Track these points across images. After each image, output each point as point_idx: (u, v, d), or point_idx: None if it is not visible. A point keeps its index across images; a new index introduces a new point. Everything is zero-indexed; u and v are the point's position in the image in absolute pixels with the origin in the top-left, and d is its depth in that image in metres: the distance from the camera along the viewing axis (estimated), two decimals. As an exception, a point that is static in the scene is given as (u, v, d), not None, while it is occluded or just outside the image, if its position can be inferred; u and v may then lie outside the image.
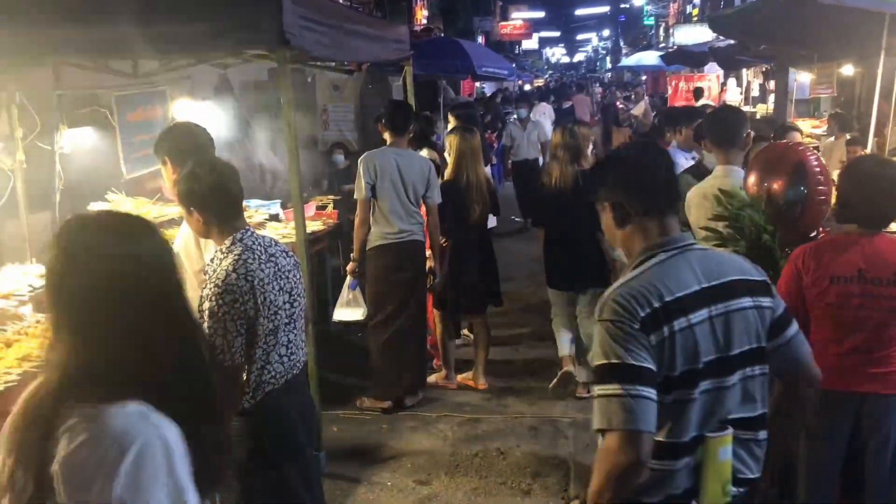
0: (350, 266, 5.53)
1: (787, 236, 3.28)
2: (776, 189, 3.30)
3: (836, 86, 10.25)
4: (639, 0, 41.70)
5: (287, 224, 6.11)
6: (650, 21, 40.48)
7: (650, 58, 26.58)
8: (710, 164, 4.22)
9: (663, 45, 32.53)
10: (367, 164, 5.27)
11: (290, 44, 4.05)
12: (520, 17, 36.99)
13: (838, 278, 2.92)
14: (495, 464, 4.74)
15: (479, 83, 21.52)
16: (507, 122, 15.72)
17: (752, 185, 3.38)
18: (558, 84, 31.71)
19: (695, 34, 23.34)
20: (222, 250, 2.90)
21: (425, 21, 19.40)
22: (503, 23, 34.17)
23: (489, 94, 19.95)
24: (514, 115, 11.47)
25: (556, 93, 24.29)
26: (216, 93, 7.23)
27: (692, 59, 18.03)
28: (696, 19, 28.02)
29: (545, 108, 15.63)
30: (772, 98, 14.89)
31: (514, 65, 22.96)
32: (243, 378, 2.88)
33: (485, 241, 6.00)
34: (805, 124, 10.08)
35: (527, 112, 12.20)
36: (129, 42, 4.07)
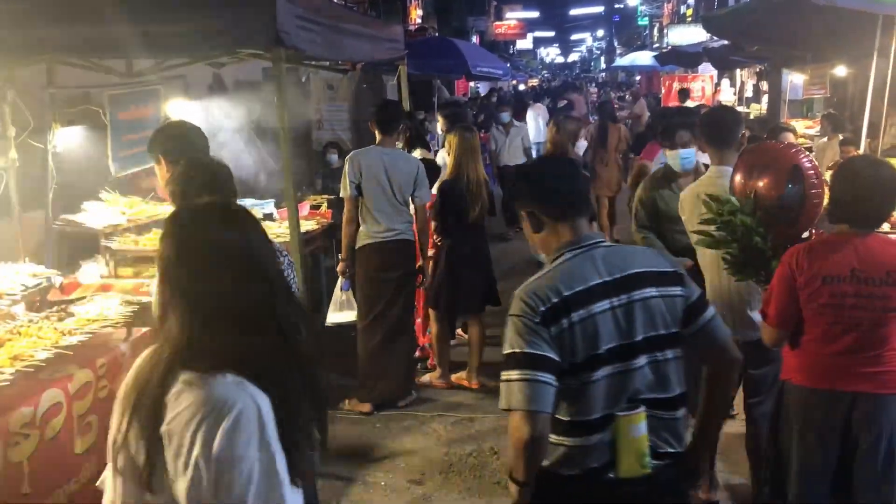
0: (340, 266, 5.53)
1: (779, 238, 3.28)
2: (772, 191, 3.29)
3: (829, 86, 10.30)
4: (633, 0, 41.77)
5: (281, 223, 6.11)
6: (644, 21, 40.58)
7: (644, 58, 26.68)
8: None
9: (657, 45, 32.61)
10: (353, 163, 5.29)
11: (285, 43, 4.05)
12: (514, 16, 37.06)
13: (831, 278, 2.92)
14: (489, 463, 4.74)
15: (473, 83, 21.55)
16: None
17: (739, 184, 3.38)
18: (561, 84, 31.69)
19: (689, 34, 23.44)
20: (216, 250, 2.89)
21: (420, 20, 19.42)
22: (498, 22, 34.22)
23: (483, 94, 19.96)
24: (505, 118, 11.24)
25: (554, 93, 24.35)
26: (210, 92, 7.22)
27: (686, 59, 18.12)
28: (690, 20, 28.10)
29: (540, 108, 15.64)
30: (765, 98, 14.94)
31: (508, 65, 22.95)
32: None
33: (483, 241, 6.01)
34: (798, 125, 10.11)
35: (509, 116, 11.36)
36: (123, 41, 4.06)
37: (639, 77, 30.74)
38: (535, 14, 45.30)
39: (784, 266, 3.03)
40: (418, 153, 7.04)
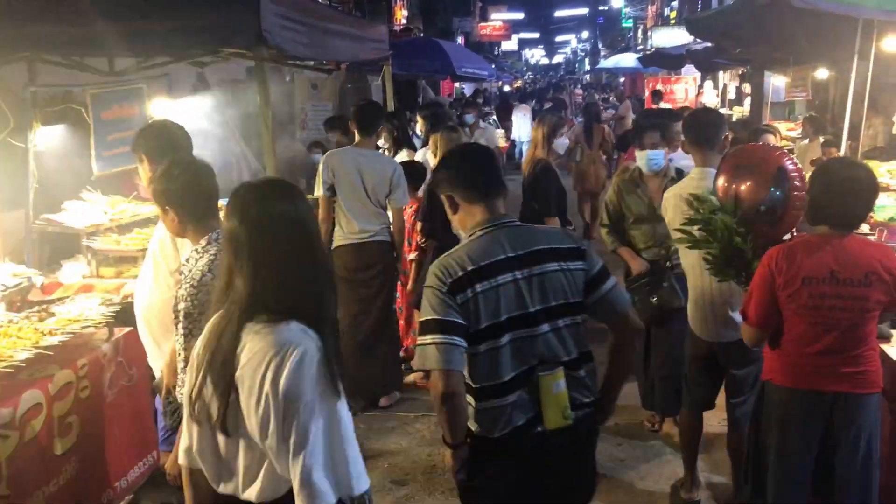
0: None
1: (761, 239, 3.29)
2: (756, 193, 3.30)
3: (810, 89, 10.37)
4: (617, 2, 41.95)
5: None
6: (628, 23, 40.74)
7: (628, 60, 26.79)
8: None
9: (641, 47, 32.75)
10: (326, 164, 5.30)
11: (268, 42, 4.05)
12: (499, 18, 37.13)
13: (811, 279, 2.94)
14: (472, 464, 4.74)
15: (458, 84, 21.56)
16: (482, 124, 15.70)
17: (723, 186, 3.39)
18: (546, 86, 31.81)
19: (672, 37, 23.53)
20: (198, 250, 2.88)
21: (405, 21, 19.41)
22: (483, 23, 34.27)
23: (468, 95, 19.96)
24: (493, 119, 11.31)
25: (540, 94, 24.42)
26: (194, 91, 7.17)
27: (669, 61, 18.21)
28: (673, 22, 28.22)
29: (525, 108, 15.67)
30: (748, 101, 15.04)
31: (493, 66, 22.98)
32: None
33: None
34: (781, 127, 10.18)
35: (474, 118, 11.03)
36: (106, 40, 4.05)
37: (623, 79, 30.83)
38: (520, 15, 45.43)
39: (764, 267, 3.05)
40: (404, 154, 7.04)
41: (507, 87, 30.73)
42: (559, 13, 60.08)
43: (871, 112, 6.89)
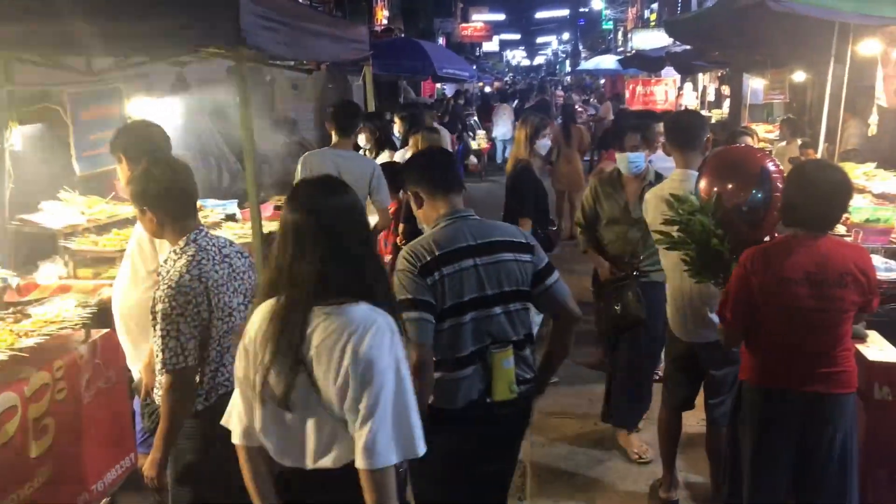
0: None
1: (741, 240, 3.29)
2: (738, 194, 3.31)
3: (788, 92, 10.47)
4: (598, 4, 42.09)
5: (244, 224, 6.03)
6: (609, 25, 40.88)
7: (608, 62, 26.85)
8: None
9: (622, 49, 32.87)
10: (304, 164, 5.28)
11: (247, 42, 4.02)
12: (480, 19, 37.11)
13: (787, 280, 2.96)
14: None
15: (439, 84, 21.55)
16: (466, 123, 15.74)
17: (706, 188, 3.41)
18: (527, 87, 31.91)
19: (652, 39, 23.63)
20: (176, 251, 2.86)
21: (386, 21, 19.35)
22: (464, 24, 34.25)
23: (450, 96, 19.98)
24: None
25: (522, 94, 24.49)
26: (173, 90, 7.11)
27: (649, 63, 18.28)
28: (653, 24, 28.35)
29: (507, 108, 15.70)
30: (727, 103, 15.16)
31: (474, 66, 22.97)
32: (196, 380, 2.85)
33: None
34: (759, 129, 10.27)
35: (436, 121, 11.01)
36: (84, 39, 3.99)
37: (603, 80, 30.94)
38: (501, 16, 45.42)
39: (740, 268, 3.07)
40: (386, 155, 7.03)
41: (488, 88, 30.73)
42: (540, 15, 60.14)
43: (848, 114, 6.95)
